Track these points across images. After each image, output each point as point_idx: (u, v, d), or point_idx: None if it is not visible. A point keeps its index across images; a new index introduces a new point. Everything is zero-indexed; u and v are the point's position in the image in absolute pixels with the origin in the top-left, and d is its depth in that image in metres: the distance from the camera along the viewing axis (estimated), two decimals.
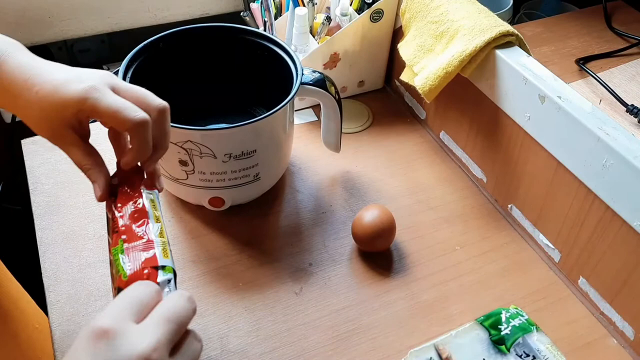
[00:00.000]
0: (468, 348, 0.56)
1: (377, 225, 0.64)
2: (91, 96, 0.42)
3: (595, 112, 0.58)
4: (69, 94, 0.43)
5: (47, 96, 0.43)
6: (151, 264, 0.41)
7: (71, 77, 0.44)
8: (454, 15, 0.70)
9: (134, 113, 0.43)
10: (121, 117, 0.43)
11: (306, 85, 0.65)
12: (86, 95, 0.42)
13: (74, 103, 0.43)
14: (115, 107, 0.43)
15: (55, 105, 0.43)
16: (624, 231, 0.56)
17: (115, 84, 0.45)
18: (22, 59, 0.45)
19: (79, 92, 0.42)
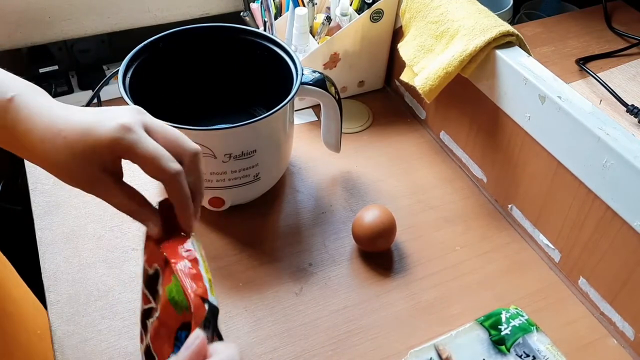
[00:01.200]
0: (468, 348, 0.56)
1: (378, 225, 0.64)
2: (127, 137, 0.40)
3: (596, 112, 0.58)
4: (102, 135, 0.40)
5: (78, 140, 0.40)
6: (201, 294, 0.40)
7: (101, 117, 0.41)
8: (454, 15, 0.70)
9: (172, 164, 0.41)
10: (159, 166, 0.41)
11: (306, 85, 0.65)
12: (121, 135, 0.40)
13: (108, 143, 0.40)
14: (152, 154, 0.41)
15: (88, 149, 0.40)
16: (624, 231, 0.56)
17: (147, 122, 0.43)
18: (41, 103, 0.42)
19: (112, 131, 0.40)
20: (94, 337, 0.58)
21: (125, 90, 0.61)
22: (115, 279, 0.63)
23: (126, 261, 0.65)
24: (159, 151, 0.41)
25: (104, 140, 0.40)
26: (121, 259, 0.65)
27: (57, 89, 0.99)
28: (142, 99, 0.61)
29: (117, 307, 0.60)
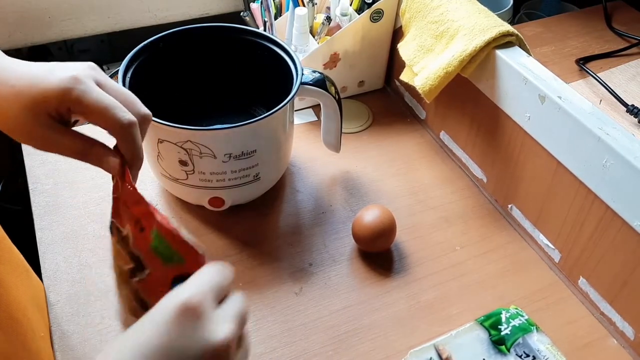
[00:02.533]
0: (468, 348, 0.56)
1: (378, 225, 0.64)
2: (77, 87, 0.39)
3: (596, 112, 0.58)
4: (51, 84, 0.39)
5: (26, 89, 0.39)
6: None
7: (52, 69, 0.40)
8: (454, 15, 0.70)
9: (124, 113, 0.40)
10: (110, 116, 0.40)
11: (306, 85, 0.65)
12: (71, 85, 0.39)
13: (57, 93, 0.39)
14: (104, 104, 0.40)
15: (37, 98, 0.39)
16: (624, 231, 0.56)
17: (99, 78, 0.42)
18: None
19: (62, 81, 0.39)
20: (94, 337, 0.58)
21: None
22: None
23: None
24: (110, 101, 0.40)
25: (54, 90, 0.39)
26: None
27: None
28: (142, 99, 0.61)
29: (117, 307, 0.60)
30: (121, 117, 0.40)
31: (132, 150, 0.42)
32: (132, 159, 0.43)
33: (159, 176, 0.68)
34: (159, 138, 0.61)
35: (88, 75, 0.41)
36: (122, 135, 0.41)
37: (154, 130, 0.61)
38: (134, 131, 0.41)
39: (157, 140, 0.61)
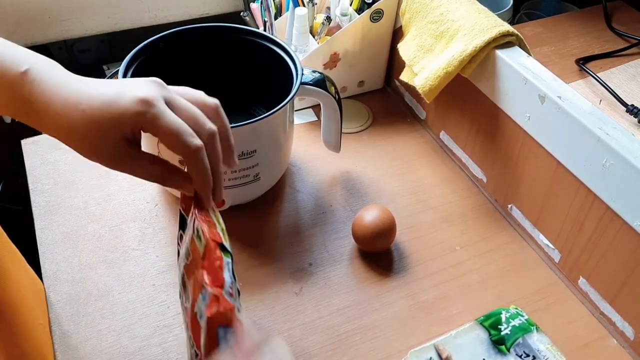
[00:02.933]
0: (468, 348, 0.56)
1: (378, 225, 0.64)
2: (149, 110, 0.40)
3: (595, 112, 0.58)
4: (124, 107, 0.39)
5: (97, 114, 0.39)
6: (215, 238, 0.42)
7: (121, 90, 0.40)
8: (454, 15, 0.70)
9: (192, 139, 0.41)
10: (180, 141, 0.40)
11: (306, 85, 0.65)
12: (144, 109, 0.40)
13: (130, 116, 0.39)
14: (175, 129, 0.40)
15: (107, 122, 0.39)
16: (624, 231, 0.56)
17: (169, 96, 0.42)
18: (57, 76, 0.42)
19: (134, 104, 0.39)
20: (94, 337, 0.58)
21: None
22: (115, 279, 0.63)
23: (126, 261, 0.65)
24: (180, 126, 0.41)
25: (125, 114, 0.40)
26: (121, 259, 0.65)
27: None
28: None
29: (117, 307, 0.60)
30: (190, 142, 0.41)
31: (199, 174, 0.42)
32: (199, 182, 0.43)
33: None
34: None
35: (158, 96, 0.41)
36: (189, 159, 0.42)
37: None
38: (201, 155, 0.42)
39: (157, 140, 0.61)
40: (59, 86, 0.41)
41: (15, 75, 0.40)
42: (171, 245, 0.67)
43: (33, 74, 0.41)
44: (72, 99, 0.40)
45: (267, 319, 0.60)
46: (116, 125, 0.40)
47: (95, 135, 0.40)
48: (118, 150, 0.41)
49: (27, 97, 0.41)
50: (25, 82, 0.41)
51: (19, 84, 0.40)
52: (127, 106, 0.40)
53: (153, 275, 0.63)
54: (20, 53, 0.42)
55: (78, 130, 0.40)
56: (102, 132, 0.40)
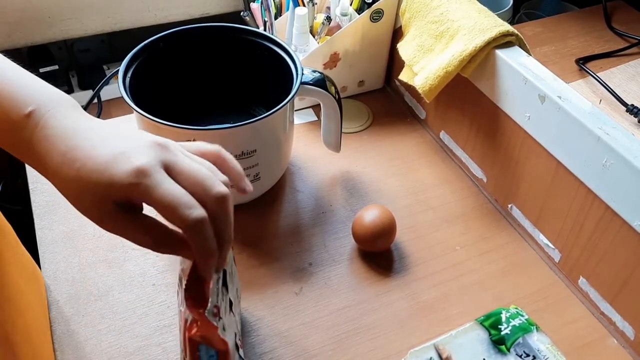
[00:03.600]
0: (468, 348, 0.56)
1: (378, 225, 0.64)
2: (143, 182, 0.37)
3: (595, 112, 0.58)
4: (116, 177, 0.37)
5: (90, 175, 0.38)
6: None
7: (117, 154, 0.38)
8: (454, 15, 0.70)
9: (190, 211, 0.37)
10: (176, 215, 0.37)
11: (306, 85, 0.65)
12: (137, 180, 0.37)
13: (122, 187, 0.37)
14: (169, 201, 0.37)
15: (99, 187, 0.38)
16: (624, 231, 0.56)
17: (168, 160, 0.39)
18: (63, 123, 0.40)
19: (128, 175, 0.37)
20: (94, 337, 0.58)
21: (125, 90, 0.61)
22: (115, 279, 0.63)
23: (126, 261, 0.65)
24: (175, 198, 0.38)
25: (116, 183, 0.37)
26: (121, 259, 0.65)
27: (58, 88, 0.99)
28: (142, 99, 0.61)
29: (117, 307, 0.60)
30: (186, 216, 0.37)
31: (199, 248, 0.39)
32: (200, 256, 0.40)
33: None
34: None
35: (156, 164, 0.38)
36: (187, 234, 0.39)
37: (154, 130, 0.61)
38: (199, 229, 0.38)
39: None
40: (60, 136, 0.39)
41: (19, 117, 0.39)
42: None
43: (37, 117, 0.39)
44: (69, 155, 0.39)
45: (267, 319, 0.60)
46: (106, 191, 0.38)
47: (86, 195, 0.38)
48: (109, 214, 0.39)
49: (27, 141, 0.39)
50: (28, 126, 0.39)
51: (21, 126, 0.39)
52: (120, 175, 0.37)
53: (153, 275, 0.63)
54: (29, 90, 0.40)
55: (71, 187, 0.39)
56: (92, 195, 0.38)
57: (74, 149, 0.39)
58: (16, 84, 0.40)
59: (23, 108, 0.39)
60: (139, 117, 0.61)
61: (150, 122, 0.58)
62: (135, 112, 0.60)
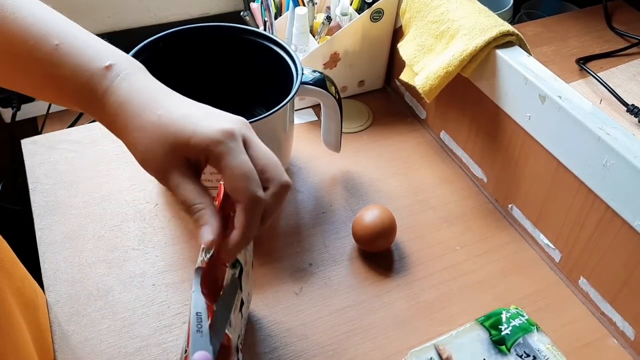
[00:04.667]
0: (468, 348, 0.55)
1: (378, 225, 0.64)
2: (227, 143, 0.38)
3: (596, 112, 0.58)
4: (201, 130, 0.38)
5: (173, 123, 0.38)
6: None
7: (206, 113, 0.39)
8: (454, 14, 0.70)
9: (254, 188, 0.38)
10: (245, 186, 0.38)
11: (306, 85, 0.65)
12: (222, 138, 0.38)
13: (204, 142, 0.37)
14: (244, 171, 0.38)
15: (180, 138, 0.38)
16: (625, 231, 0.56)
17: (248, 137, 0.40)
18: (144, 83, 0.41)
19: (215, 131, 0.38)
20: (94, 337, 0.58)
21: None
22: (115, 279, 0.63)
23: (126, 261, 0.65)
24: (250, 171, 0.38)
25: (200, 137, 0.38)
26: (121, 259, 0.65)
27: None
28: None
29: (117, 307, 0.60)
30: (254, 192, 0.38)
31: (245, 228, 0.39)
32: (239, 236, 0.40)
33: None
34: None
35: (240, 134, 0.39)
36: (245, 208, 0.39)
37: None
38: (256, 209, 0.39)
39: None
40: (143, 90, 0.40)
41: (98, 68, 0.40)
42: (171, 246, 0.66)
43: (117, 70, 0.40)
44: (152, 102, 0.39)
45: (267, 319, 0.60)
46: (185, 143, 0.38)
47: (160, 144, 0.38)
48: (177, 168, 0.39)
49: (104, 91, 0.40)
50: (107, 77, 0.40)
51: (100, 77, 0.40)
52: (206, 130, 0.38)
53: (153, 275, 0.63)
54: (107, 48, 0.41)
55: (145, 134, 0.39)
56: (169, 144, 0.38)
57: (159, 99, 0.40)
58: (92, 41, 0.42)
59: (103, 60, 0.40)
60: None
61: None
62: None
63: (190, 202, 0.39)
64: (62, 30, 0.41)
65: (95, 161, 0.76)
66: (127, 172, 0.74)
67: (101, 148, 0.77)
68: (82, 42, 0.41)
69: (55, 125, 0.98)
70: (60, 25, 0.42)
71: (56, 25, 0.42)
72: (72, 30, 0.42)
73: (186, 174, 0.39)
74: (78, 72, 0.40)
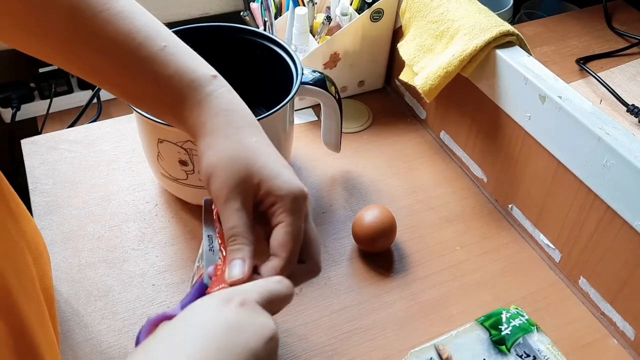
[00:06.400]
0: (468, 348, 0.56)
1: (378, 225, 0.64)
2: (299, 202, 0.40)
3: (596, 112, 0.58)
4: (286, 179, 0.40)
5: (264, 155, 0.40)
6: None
7: (288, 165, 0.42)
8: (454, 14, 0.70)
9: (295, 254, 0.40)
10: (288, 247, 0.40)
11: (306, 85, 0.65)
12: (299, 196, 0.40)
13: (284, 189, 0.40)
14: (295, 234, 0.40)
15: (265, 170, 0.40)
16: (625, 231, 0.56)
17: (309, 208, 0.42)
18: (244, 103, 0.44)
19: (296, 187, 0.40)
20: (94, 337, 0.58)
21: None
22: (115, 279, 0.63)
23: (126, 261, 0.65)
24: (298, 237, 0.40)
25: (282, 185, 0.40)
26: (121, 259, 0.65)
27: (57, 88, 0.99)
28: None
29: (117, 307, 0.60)
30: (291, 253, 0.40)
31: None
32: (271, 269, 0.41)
33: (159, 176, 0.68)
34: (159, 138, 0.61)
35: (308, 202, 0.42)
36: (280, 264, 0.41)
37: (154, 130, 0.61)
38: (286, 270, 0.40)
39: (157, 140, 0.61)
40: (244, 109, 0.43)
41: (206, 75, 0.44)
42: (171, 246, 0.66)
43: (222, 82, 0.44)
44: (252, 126, 0.42)
45: None
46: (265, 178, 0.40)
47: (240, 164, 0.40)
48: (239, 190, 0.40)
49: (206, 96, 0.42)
50: (212, 83, 0.43)
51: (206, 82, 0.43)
52: (290, 179, 0.40)
53: (153, 275, 0.63)
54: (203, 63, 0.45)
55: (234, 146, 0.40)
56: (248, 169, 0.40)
57: (256, 125, 0.42)
58: (195, 53, 0.45)
59: (209, 69, 0.44)
60: (139, 117, 0.61)
61: (150, 122, 0.58)
62: (134, 112, 0.60)
63: (238, 232, 0.40)
64: (169, 35, 0.44)
65: (95, 161, 0.76)
66: (127, 172, 0.74)
67: (101, 148, 0.77)
68: (188, 50, 0.44)
69: (55, 125, 0.98)
70: (166, 31, 0.44)
71: (163, 29, 0.44)
72: (176, 38, 0.44)
73: (247, 205, 0.40)
74: (183, 73, 0.42)
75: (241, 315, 0.33)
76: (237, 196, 0.40)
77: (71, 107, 1.01)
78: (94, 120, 0.93)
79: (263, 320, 0.34)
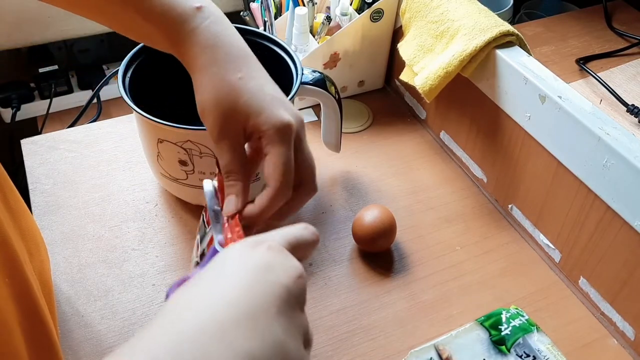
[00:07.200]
0: (468, 348, 0.56)
1: (378, 225, 0.64)
2: (283, 133, 0.41)
3: (596, 112, 0.58)
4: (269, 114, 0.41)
5: (247, 92, 0.41)
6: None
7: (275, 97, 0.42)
8: (454, 14, 0.70)
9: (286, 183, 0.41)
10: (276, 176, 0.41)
11: (306, 85, 0.65)
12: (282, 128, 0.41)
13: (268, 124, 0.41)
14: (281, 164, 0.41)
15: (248, 107, 0.41)
16: (625, 231, 0.56)
17: (300, 136, 0.43)
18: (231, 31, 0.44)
19: (278, 120, 0.41)
20: (94, 337, 0.58)
21: (125, 90, 0.61)
22: (115, 279, 0.63)
23: (126, 261, 0.65)
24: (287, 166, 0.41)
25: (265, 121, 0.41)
26: (121, 259, 0.65)
27: (57, 88, 0.99)
28: (142, 99, 0.61)
29: (117, 307, 0.60)
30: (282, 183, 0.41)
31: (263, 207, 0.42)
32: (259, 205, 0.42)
33: (159, 176, 0.68)
34: (159, 138, 0.61)
35: (294, 131, 0.42)
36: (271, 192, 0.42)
37: (154, 130, 0.61)
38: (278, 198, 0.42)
39: (157, 140, 0.61)
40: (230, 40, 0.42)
41: (189, 8, 0.42)
42: (171, 246, 0.66)
43: (206, 13, 0.43)
44: (238, 60, 0.41)
45: None
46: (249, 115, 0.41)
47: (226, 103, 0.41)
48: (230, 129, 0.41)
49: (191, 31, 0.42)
50: (196, 17, 0.42)
51: (190, 17, 0.42)
52: (272, 114, 0.41)
53: (153, 275, 0.63)
54: None
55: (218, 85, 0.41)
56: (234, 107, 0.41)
57: (242, 59, 0.42)
58: None
59: (194, 1, 0.43)
60: (139, 117, 0.61)
61: (149, 122, 0.58)
62: (134, 112, 0.60)
63: (231, 169, 0.42)
64: None
65: (95, 161, 0.76)
66: (127, 172, 0.74)
67: (101, 148, 0.77)
68: None
69: (55, 125, 0.98)
70: None
71: None
72: None
73: (238, 142, 0.42)
74: (168, 9, 0.42)
75: (269, 257, 0.33)
76: (227, 134, 0.42)
77: (71, 107, 1.01)
78: (94, 120, 0.93)
79: (292, 261, 0.34)
